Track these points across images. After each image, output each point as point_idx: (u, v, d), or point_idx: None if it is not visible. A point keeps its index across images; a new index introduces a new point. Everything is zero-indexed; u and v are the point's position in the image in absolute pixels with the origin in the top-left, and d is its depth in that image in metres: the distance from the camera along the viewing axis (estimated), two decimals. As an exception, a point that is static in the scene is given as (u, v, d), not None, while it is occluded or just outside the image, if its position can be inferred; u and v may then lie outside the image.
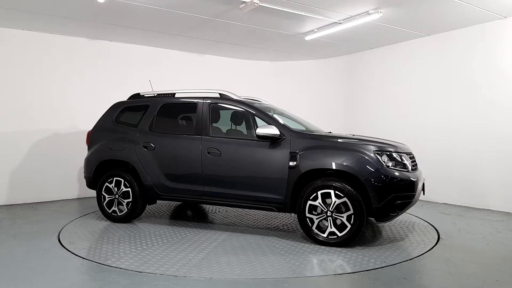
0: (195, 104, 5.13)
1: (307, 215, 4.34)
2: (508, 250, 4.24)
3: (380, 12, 5.72)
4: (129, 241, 4.44)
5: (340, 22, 6.22)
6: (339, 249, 4.18)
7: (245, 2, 5.27)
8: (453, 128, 6.76)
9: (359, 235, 4.26)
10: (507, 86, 6.05)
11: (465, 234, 4.84)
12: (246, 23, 6.33)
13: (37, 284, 3.24)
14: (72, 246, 4.25)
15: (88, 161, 5.55)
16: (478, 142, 6.39)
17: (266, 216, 5.79)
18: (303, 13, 5.76)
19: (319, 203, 4.28)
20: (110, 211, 5.31)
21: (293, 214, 5.85)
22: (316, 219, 4.31)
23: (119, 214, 5.29)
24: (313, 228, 4.33)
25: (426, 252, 4.12)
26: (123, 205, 5.25)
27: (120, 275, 3.42)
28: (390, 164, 4.23)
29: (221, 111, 5.25)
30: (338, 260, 3.86)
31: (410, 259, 3.88)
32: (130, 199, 5.19)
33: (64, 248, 4.18)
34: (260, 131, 4.49)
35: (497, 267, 3.68)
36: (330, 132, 5.08)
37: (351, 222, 4.16)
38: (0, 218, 5.60)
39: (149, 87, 6.19)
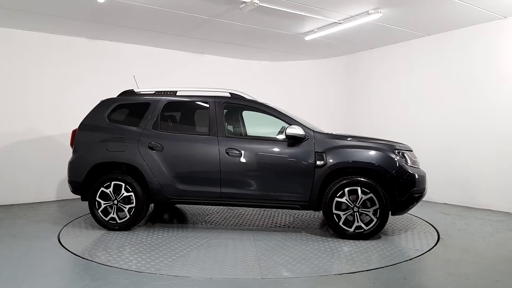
0: (206, 103, 4.98)
1: (334, 211, 4.54)
2: (508, 250, 4.24)
3: (380, 12, 5.72)
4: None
5: (340, 22, 6.22)
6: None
7: (245, 2, 5.27)
8: (453, 128, 6.76)
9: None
10: (507, 86, 6.05)
11: (465, 234, 4.84)
12: (246, 23, 6.33)
13: (37, 284, 3.24)
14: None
15: (76, 164, 4.98)
16: (478, 142, 6.39)
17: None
18: (303, 13, 5.76)
19: (346, 199, 4.52)
20: (107, 219, 4.84)
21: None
22: (343, 215, 4.53)
23: (119, 221, 4.84)
24: (340, 223, 4.54)
25: (426, 252, 4.12)
26: (124, 211, 4.84)
27: (120, 275, 3.42)
28: (405, 161, 4.62)
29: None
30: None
31: (410, 259, 3.88)
32: (133, 204, 4.81)
33: (64, 248, 4.18)
34: (290, 131, 4.59)
35: (497, 267, 3.68)
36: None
37: (377, 216, 4.48)
38: (0, 218, 5.60)
39: (152, 86, 6.10)
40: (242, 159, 4.70)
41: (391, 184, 4.50)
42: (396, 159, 4.55)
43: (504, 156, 6.08)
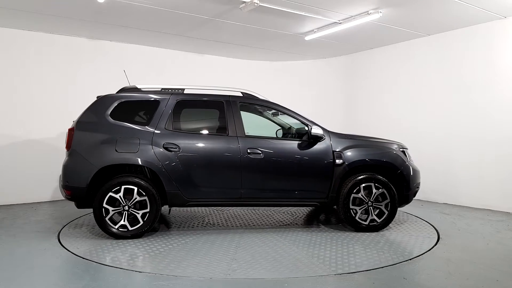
0: (221, 102, 4.86)
1: (351, 206, 4.79)
2: (508, 250, 4.24)
3: (380, 12, 5.72)
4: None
5: (340, 22, 6.21)
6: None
7: (245, 2, 5.27)
8: (453, 128, 6.76)
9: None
10: (507, 86, 6.05)
11: (465, 234, 4.84)
12: (246, 23, 6.33)
13: (37, 284, 3.24)
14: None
15: (77, 167, 4.47)
16: (478, 142, 6.39)
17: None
18: (303, 13, 5.76)
19: (361, 195, 4.81)
20: (117, 227, 4.41)
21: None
22: (359, 209, 4.83)
23: (131, 228, 4.43)
24: (357, 218, 4.82)
25: (426, 252, 4.12)
26: (137, 217, 4.47)
27: (120, 275, 3.42)
28: (407, 158, 5.09)
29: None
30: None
31: (410, 259, 3.88)
32: (148, 209, 4.46)
33: (64, 248, 4.18)
34: (314, 131, 4.74)
35: (497, 267, 3.68)
36: None
37: (388, 209, 4.85)
38: (0, 218, 5.59)
39: (154, 83, 5.97)
40: (264, 159, 4.69)
41: (400, 179, 4.92)
42: (402, 156, 5.02)
43: (504, 156, 6.07)
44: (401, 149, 5.11)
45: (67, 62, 7.13)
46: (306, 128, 4.90)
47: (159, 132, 4.61)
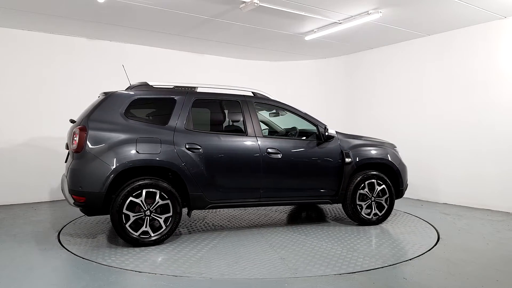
0: (238, 102, 4.84)
1: (358, 202, 5.07)
2: (508, 250, 4.24)
3: (380, 12, 5.72)
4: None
5: (340, 22, 6.21)
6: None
7: (245, 2, 5.27)
8: (453, 128, 6.75)
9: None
10: (507, 86, 6.05)
11: (465, 234, 4.84)
12: (246, 23, 6.34)
13: (37, 284, 3.24)
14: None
15: (92, 171, 4.05)
16: (478, 142, 6.39)
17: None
18: (303, 13, 5.76)
19: (366, 191, 5.10)
20: (138, 234, 4.13)
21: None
22: (364, 205, 5.11)
23: (153, 234, 4.18)
24: (362, 213, 5.10)
25: (426, 252, 4.12)
26: (159, 222, 4.22)
27: (120, 275, 3.42)
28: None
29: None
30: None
31: (410, 259, 3.89)
32: (171, 213, 4.24)
33: (64, 248, 4.18)
34: (330, 131, 4.98)
35: (497, 267, 3.68)
36: None
37: (387, 203, 5.21)
38: (0, 218, 5.59)
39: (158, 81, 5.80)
40: (282, 159, 4.75)
41: (396, 176, 5.29)
42: (397, 154, 5.44)
43: (504, 156, 6.08)
44: (394, 148, 5.53)
45: (67, 62, 7.13)
46: (316, 129, 5.07)
47: (179, 131, 4.40)
